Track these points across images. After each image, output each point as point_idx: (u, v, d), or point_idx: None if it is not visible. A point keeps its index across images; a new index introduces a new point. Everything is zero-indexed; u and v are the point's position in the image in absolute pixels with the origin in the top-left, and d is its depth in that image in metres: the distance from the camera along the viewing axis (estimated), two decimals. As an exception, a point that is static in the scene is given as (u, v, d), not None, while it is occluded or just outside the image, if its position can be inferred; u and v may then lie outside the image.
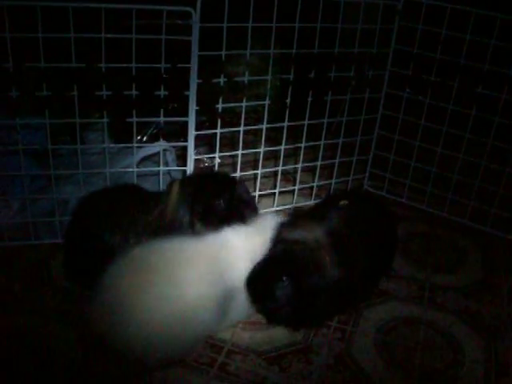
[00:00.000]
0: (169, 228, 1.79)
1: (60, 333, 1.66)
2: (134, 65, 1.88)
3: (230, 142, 2.54)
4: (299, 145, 2.31)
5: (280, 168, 2.31)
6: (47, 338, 1.64)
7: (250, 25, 1.98)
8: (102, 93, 1.88)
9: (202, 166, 2.60)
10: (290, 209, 2.38)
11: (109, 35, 1.82)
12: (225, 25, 1.93)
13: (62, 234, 2.01)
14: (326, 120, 2.29)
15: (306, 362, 1.63)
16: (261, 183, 2.30)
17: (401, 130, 2.39)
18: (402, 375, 1.60)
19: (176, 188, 1.84)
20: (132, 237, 1.77)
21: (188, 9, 1.87)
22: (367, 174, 2.56)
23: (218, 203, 1.84)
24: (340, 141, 2.38)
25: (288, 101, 2.17)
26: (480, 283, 2.04)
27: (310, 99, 2.20)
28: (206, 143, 2.55)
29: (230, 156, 2.47)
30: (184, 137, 2.07)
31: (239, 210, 1.88)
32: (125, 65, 1.87)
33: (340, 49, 2.18)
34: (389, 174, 2.48)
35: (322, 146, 2.34)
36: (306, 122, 2.25)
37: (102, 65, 1.84)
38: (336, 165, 2.41)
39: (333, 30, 2.14)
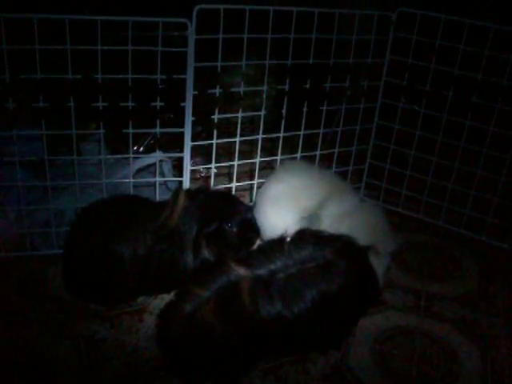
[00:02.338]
0: (173, 237, 1.79)
1: (56, 344, 1.66)
2: (130, 76, 1.89)
3: (226, 152, 2.55)
4: (295, 155, 2.31)
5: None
6: (43, 350, 1.64)
7: (245, 35, 1.99)
8: (98, 104, 1.89)
9: (198, 176, 2.61)
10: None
11: (105, 47, 1.83)
12: (220, 36, 1.95)
13: (59, 245, 2.01)
14: (321, 130, 2.31)
15: (302, 372, 1.63)
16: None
17: (396, 140, 2.40)
18: (398, 385, 1.61)
19: (182, 199, 1.84)
20: (139, 246, 1.77)
21: (184, 20, 1.88)
22: (363, 184, 2.56)
23: (228, 228, 1.85)
24: (336, 151, 2.39)
25: (284, 111, 2.18)
26: (476, 292, 2.04)
27: (305, 109, 2.22)
28: (202, 153, 2.56)
29: (226, 166, 2.47)
30: (180, 147, 2.08)
31: (246, 236, 1.90)
32: (121, 76, 1.88)
33: (335, 59, 2.19)
34: (384, 183, 2.49)
35: (317, 156, 2.35)
36: (302, 133, 2.26)
37: (99, 76, 1.85)
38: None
39: (328, 41, 2.16)
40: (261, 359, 1.62)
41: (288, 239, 1.62)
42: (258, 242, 2.00)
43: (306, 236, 1.64)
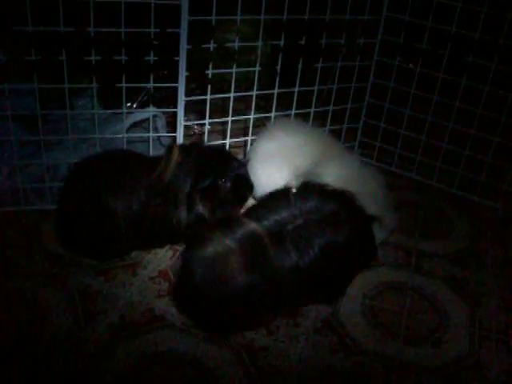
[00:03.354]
0: (167, 193, 1.80)
1: (51, 297, 1.68)
2: (123, 29, 1.86)
3: (220, 110, 2.53)
4: (289, 112, 2.30)
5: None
6: (39, 302, 1.66)
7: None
8: (90, 58, 1.86)
9: (191, 132, 2.60)
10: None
11: (97, -1, 1.79)
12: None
13: (53, 200, 2.02)
14: (316, 88, 2.29)
15: (293, 325, 1.66)
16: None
17: (391, 99, 2.39)
18: (388, 339, 1.64)
19: (176, 155, 1.83)
20: (133, 201, 1.77)
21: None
22: (357, 142, 2.56)
23: (222, 183, 1.86)
24: (330, 108, 2.38)
25: (278, 68, 2.16)
26: (466, 251, 2.07)
27: (300, 66, 2.20)
28: (195, 110, 2.54)
29: (219, 123, 2.46)
30: (174, 103, 2.06)
31: (239, 192, 1.91)
32: (114, 29, 1.85)
33: (331, 16, 2.16)
34: (379, 142, 2.49)
35: (311, 114, 2.34)
36: (297, 90, 2.25)
37: (91, 29, 1.82)
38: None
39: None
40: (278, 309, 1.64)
41: (293, 190, 1.65)
42: (251, 198, 2.01)
43: (310, 188, 1.66)
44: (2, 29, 1.74)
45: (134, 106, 2.40)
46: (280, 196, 1.64)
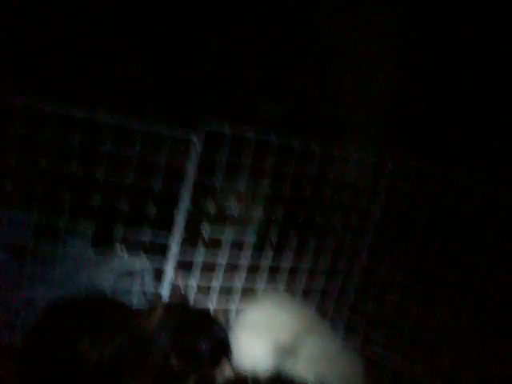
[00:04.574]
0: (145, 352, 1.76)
1: None
2: (129, 180, 1.94)
3: (209, 268, 2.54)
4: (278, 284, 2.31)
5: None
6: None
7: (247, 162, 2.07)
8: (93, 202, 1.93)
9: (177, 291, 2.58)
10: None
11: (108, 147, 1.89)
12: (223, 158, 2.02)
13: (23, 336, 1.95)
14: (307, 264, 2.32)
15: None
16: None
17: (382, 284, 2.39)
18: None
19: (158, 311, 1.82)
20: (106, 351, 1.71)
21: (190, 137, 1.96)
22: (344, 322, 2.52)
23: (200, 346, 1.82)
24: (318, 286, 2.39)
25: (273, 239, 2.22)
26: None
27: (294, 242, 2.26)
28: (184, 265, 2.55)
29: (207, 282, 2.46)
30: (163, 257, 2.08)
31: (217, 355, 1.87)
32: (121, 179, 1.93)
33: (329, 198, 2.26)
34: (364, 326, 2.45)
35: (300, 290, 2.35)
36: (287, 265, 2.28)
37: (100, 175, 1.90)
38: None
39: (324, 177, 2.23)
40: None
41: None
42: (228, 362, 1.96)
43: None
44: (16, 160, 1.81)
45: (126, 254, 2.42)
46: None
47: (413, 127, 2.34)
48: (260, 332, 2.09)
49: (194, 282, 2.20)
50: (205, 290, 2.53)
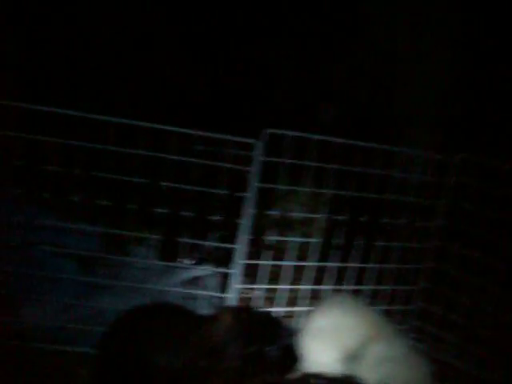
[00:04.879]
0: (216, 357, 1.75)
1: None
2: (192, 187, 1.93)
3: (272, 274, 2.53)
4: (340, 287, 2.28)
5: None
6: None
7: (309, 164, 2.04)
8: (159, 211, 1.93)
9: (242, 295, 2.58)
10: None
11: (174, 157, 1.89)
12: (286, 161, 1.99)
13: (94, 344, 1.97)
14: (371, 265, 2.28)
15: None
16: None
17: (451, 284, 2.33)
18: None
19: (226, 318, 1.82)
20: (178, 359, 1.72)
21: (251, 141, 1.94)
22: (410, 326, 2.47)
23: (268, 351, 1.82)
24: (384, 288, 2.34)
25: (337, 242, 2.18)
26: None
27: (357, 242, 2.22)
28: (248, 274, 2.54)
29: (272, 289, 2.44)
30: (227, 264, 2.07)
31: (285, 361, 1.87)
32: (187, 187, 1.92)
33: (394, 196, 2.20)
34: (434, 329, 2.39)
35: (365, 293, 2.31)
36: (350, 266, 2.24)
37: (165, 184, 1.90)
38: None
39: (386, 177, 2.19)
40: None
41: None
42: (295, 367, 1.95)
43: None
44: (82, 172, 1.83)
45: (191, 262, 2.43)
46: None
47: (478, 124, 2.27)
48: (327, 337, 2.06)
49: (260, 287, 2.16)
50: (271, 295, 2.53)
